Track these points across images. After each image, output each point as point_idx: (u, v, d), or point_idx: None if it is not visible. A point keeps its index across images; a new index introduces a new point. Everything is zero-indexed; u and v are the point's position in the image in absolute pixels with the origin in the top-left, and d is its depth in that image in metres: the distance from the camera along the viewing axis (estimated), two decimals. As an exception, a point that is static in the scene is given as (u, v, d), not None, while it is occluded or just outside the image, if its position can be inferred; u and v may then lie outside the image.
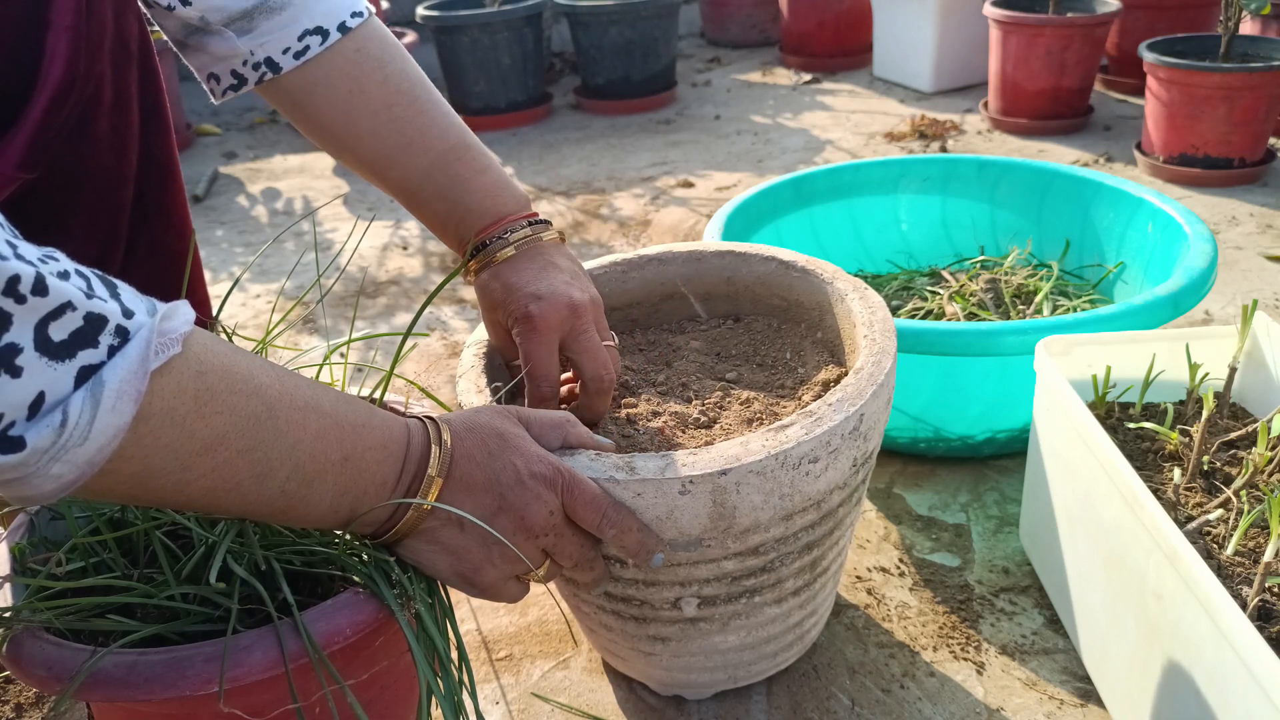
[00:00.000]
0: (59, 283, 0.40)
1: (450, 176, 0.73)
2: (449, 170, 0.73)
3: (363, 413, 0.55)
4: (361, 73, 0.72)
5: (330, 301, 1.73)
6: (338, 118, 0.72)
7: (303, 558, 0.62)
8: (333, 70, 0.71)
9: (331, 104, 0.72)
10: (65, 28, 0.61)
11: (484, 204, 0.74)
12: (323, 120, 0.73)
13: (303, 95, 0.72)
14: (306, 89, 0.72)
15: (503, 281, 0.72)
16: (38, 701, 0.89)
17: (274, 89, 0.72)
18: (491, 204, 0.74)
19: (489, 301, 0.74)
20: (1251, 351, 0.90)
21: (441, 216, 0.75)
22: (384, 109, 0.72)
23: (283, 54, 0.70)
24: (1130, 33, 2.42)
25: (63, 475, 0.41)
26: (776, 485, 0.64)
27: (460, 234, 0.75)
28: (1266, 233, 1.73)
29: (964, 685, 0.86)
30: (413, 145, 0.73)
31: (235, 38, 0.70)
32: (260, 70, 0.71)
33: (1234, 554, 0.72)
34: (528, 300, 0.70)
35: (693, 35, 3.65)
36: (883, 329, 0.75)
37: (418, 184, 0.74)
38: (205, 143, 2.78)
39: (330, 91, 0.72)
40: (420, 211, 0.75)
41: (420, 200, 0.74)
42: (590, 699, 0.87)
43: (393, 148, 0.72)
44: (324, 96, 0.72)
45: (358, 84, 0.72)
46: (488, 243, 0.73)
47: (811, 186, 1.41)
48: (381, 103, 0.72)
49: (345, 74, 0.71)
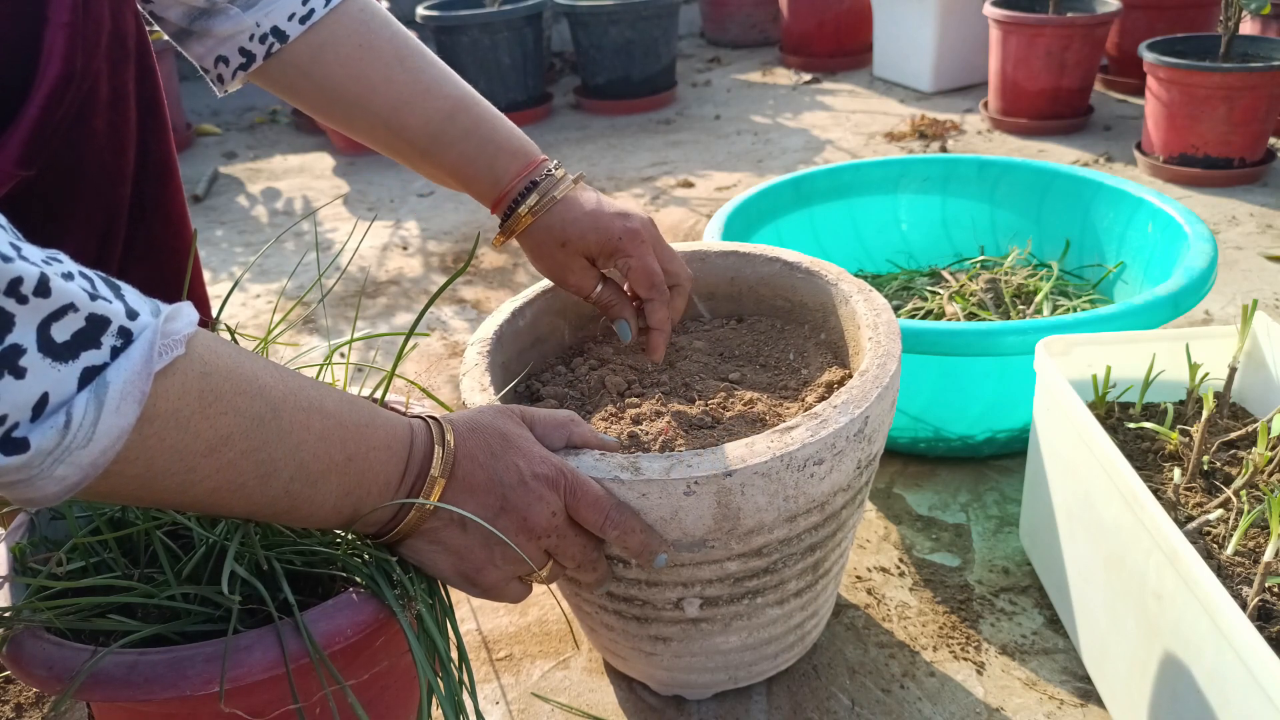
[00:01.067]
0: (63, 283, 0.39)
1: (475, 118, 0.74)
2: (472, 111, 0.74)
3: (366, 413, 0.55)
4: (370, 30, 0.72)
5: (330, 301, 1.73)
6: (348, 75, 0.72)
7: (304, 558, 0.62)
8: (339, 29, 0.72)
9: (341, 63, 0.72)
10: (62, 24, 0.61)
11: (513, 144, 0.75)
12: (333, 81, 0.72)
13: (309, 61, 0.72)
14: (313, 52, 0.72)
15: (581, 211, 0.74)
16: (38, 701, 0.89)
17: (279, 65, 0.72)
18: (521, 145, 0.75)
19: (562, 237, 0.75)
20: (1251, 351, 0.90)
21: (470, 156, 0.74)
22: (396, 60, 0.73)
23: (288, 20, 0.70)
24: (1130, 33, 2.42)
25: (67, 477, 0.41)
26: (781, 487, 0.64)
27: (495, 172, 0.75)
28: (1266, 233, 1.73)
29: (964, 685, 0.86)
30: (430, 91, 0.73)
31: (241, 12, 0.70)
32: (268, 42, 0.71)
33: (1234, 554, 0.72)
34: (622, 219, 0.75)
35: (693, 35, 3.65)
36: (887, 331, 0.75)
37: (439, 125, 0.73)
38: (205, 143, 2.78)
39: (339, 50, 0.72)
40: (443, 155, 0.75)
41: (444, 142, 0.74)
42: (590, 699, 0.87)
43: (411, 94, 0.73)
44: (333, 56, 0.72)
45: (367, 39, 0.72)
46: (537, 181, 0.74)
47: (811, 186, 1.41)
48: (393, 55, 0.73)
49: (353, 31, 0.72)
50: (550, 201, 0.74)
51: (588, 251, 0.76)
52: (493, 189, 0.76)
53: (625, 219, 0.75)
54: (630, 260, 0.75)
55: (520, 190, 0.75)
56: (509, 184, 0.75)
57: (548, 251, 0.77)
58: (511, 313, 0.84)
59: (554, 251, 0.76)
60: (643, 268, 0.75)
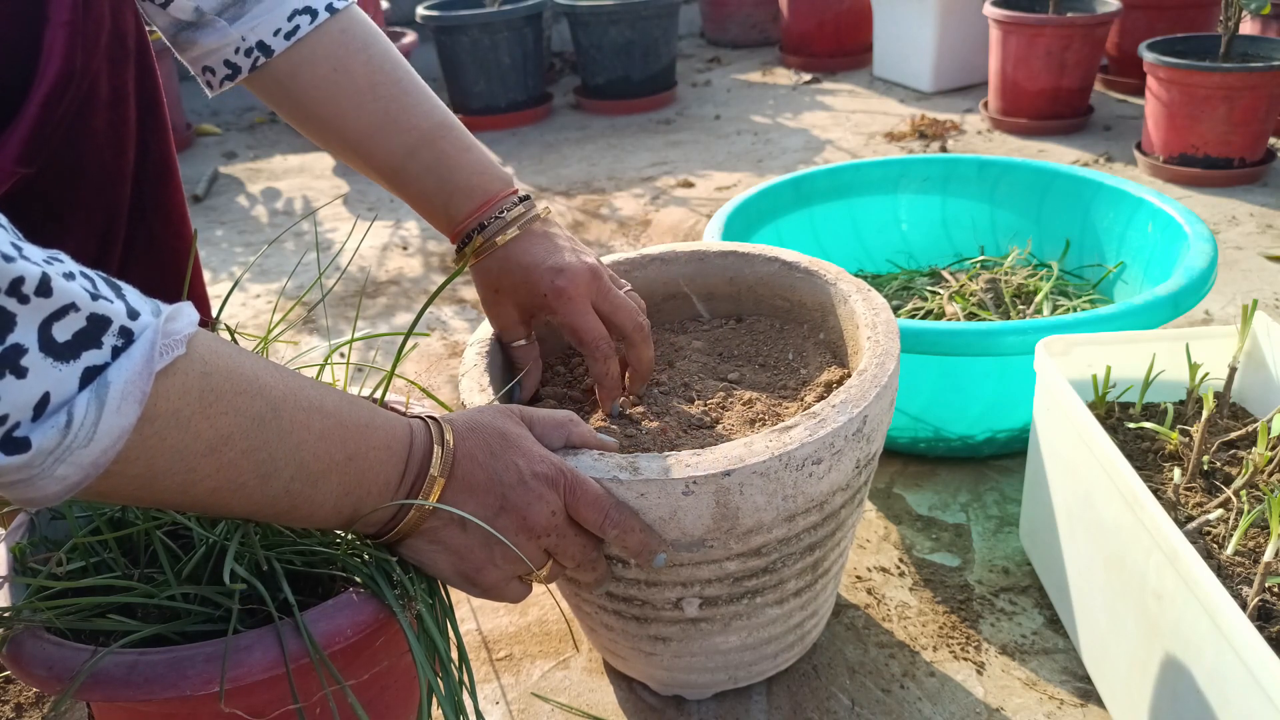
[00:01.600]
0: (64, 283, 0.40)
1: (436, 154, 0.73)
2: (434, 147, 0.73)
3: (366, 413, 0.55)
4: (346, 53, 0.72)
5: (330, 301, 1.73)
6: (322, 98, 0.72)
7: (303, 558, 0.62)
8: (317, 49, 0.71)
9: (315, 84, 0.72)
10: (63, 23, 0.62)
11: (471, 181, 0.74)
12: (306, 101, 0.72)
13: (288, 78, 0.72)
14: (291, 71, 0.72)
15: (515, 263, 0.73)
16: (38, 701, 0.89)
17: (263, 78, 0.72)
18: (479, 181, 0.74)
19: (496, 285, 0.74)
20: (1251, 351, 0.90)
21: (429, 194, 0.74)
22: (368, 88, 0.72)
23: (273, 35, 0.70)
24: (1130, 33, 2.42)
25: (68, 477, 0.41)
26: (780, 486, 0.64)
27: (449, 212, 0.75)
28: (1266, 233, 1.73)
29: (964, 685, 0.86)
30: (397, 122, 0.73)
31: (228, 25, 0.70)
32: (253, 56, 0.71)
33: (1234, 554, 0.72)
34: (552, 275, 0.72)
35: (693, 35, 3.65)
36: (886, 331, 0.75)
37: (401, 161, 0.73)
38: (205, 143, 2.78)
39: (314, 71, 0.72)
40: (405, 189, 0.75)
41: (405, 178, 0.74)
42: (590, 699, 0.87)
43: (377, 125, 0.72)
44: (308, 77, 0.72)
45: (342, 63, 0.72)
46: (485, 224, 0.74)
47: (811, 186, 1.41)
48: (365, 81, 0.72)
49: (330, 54, 0.72)
50: (491, 246, 0.73)
51: (518, 303, 0.75)
52: (448, 226, 0.76)
53: (558, 274, 0.72)
54: (558, 317, 0.73)
55: (469, 230, 0.74)
56: (460, 222, 0.75)
57: (483, 295, 0.77)
58: (511, 313, 0.84)
59: (487, 296, 0.76)
60: (569, 326, 0.73)
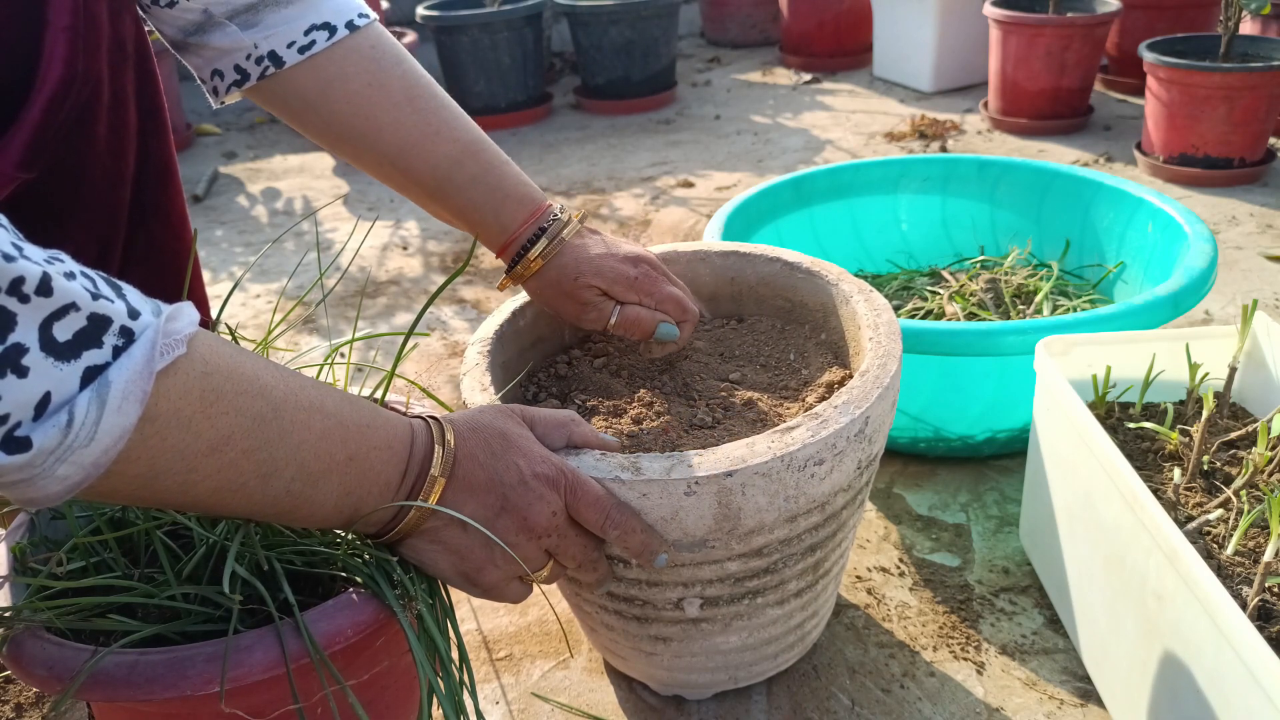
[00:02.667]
0: (65, 283, 0.40)
1: (481, 165, 0.74)
2: (478, 159, 0.74)
3: (367, 413, 0.55)
4: (380, 68, 0.72)
5: (330, 301, 1.73)
6: (357, 112, 0.72)
7: (304, 558, 0.62)
8: (348, 66, 0.71)
9: (349, 99, 0.71)
10: (63, 28, 0.62)
11: (520, 190, 0.76)
12: (340, 118, 0.72)
13: (317, 95, 0.71)
14: (322, 87, 0.71)
15: (590, 254, 0.76)
16: (38, 701, 0.89)
17: (278, 90, 0.72)
18: (526, 191, 0.76)
19: (576, 273, 0.76)
20: (1251, 351, 0.90)
21: (478, 204, 0.75)
22: (406, 101, 0.72)
23: (287, 48, 0.70)
24: (1130, 33, 2.42)
25: (69, 476, 0.41)
26: (782, 487, 0.64)
27: (501, 220, 0.75)
28: (1266, 233, 1.73)
29: (964, 685, 0.86)
30: (440, 134, 0.73)
31: (239, 31, 0.70)
32: (263, 65, 0.70)
33: (1234, 554, 0.72)
34: (633, 261, 0.77)
35: (693, 35, 3.65)
36: (888, 331, 0.75)
37: (447, 171, 0.73)
38: (205, 143, 2.78)
39: (348, 86, 0.71)
40: (449, 201, 0.75)
41: (451, 188, 0.74)
42: (590, 699, 0.87)
43: (419, 136, 0.72)
44: (341, 92, 0.71)
45: (377, 79, 0.72)
46: (544, 227, 0.75)
47: (811, 186, 1.41)
48: (403, 95, 0.72)
49: (363, 69, 0.72)
50: (559, 244, 0.75)
51: (604, 284, 0.77)
52: (500, 235, 0.76)
53: (637, 260, 0.77)
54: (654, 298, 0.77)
55: (529, 237, 0.75)
56: (516, 230, 0.75)
57: (564, 288, 0.77)
58: (512, 313, 0.84)
59: (569, 286, 0.76)
60: (670, 296, 0.78)
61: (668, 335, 0.79)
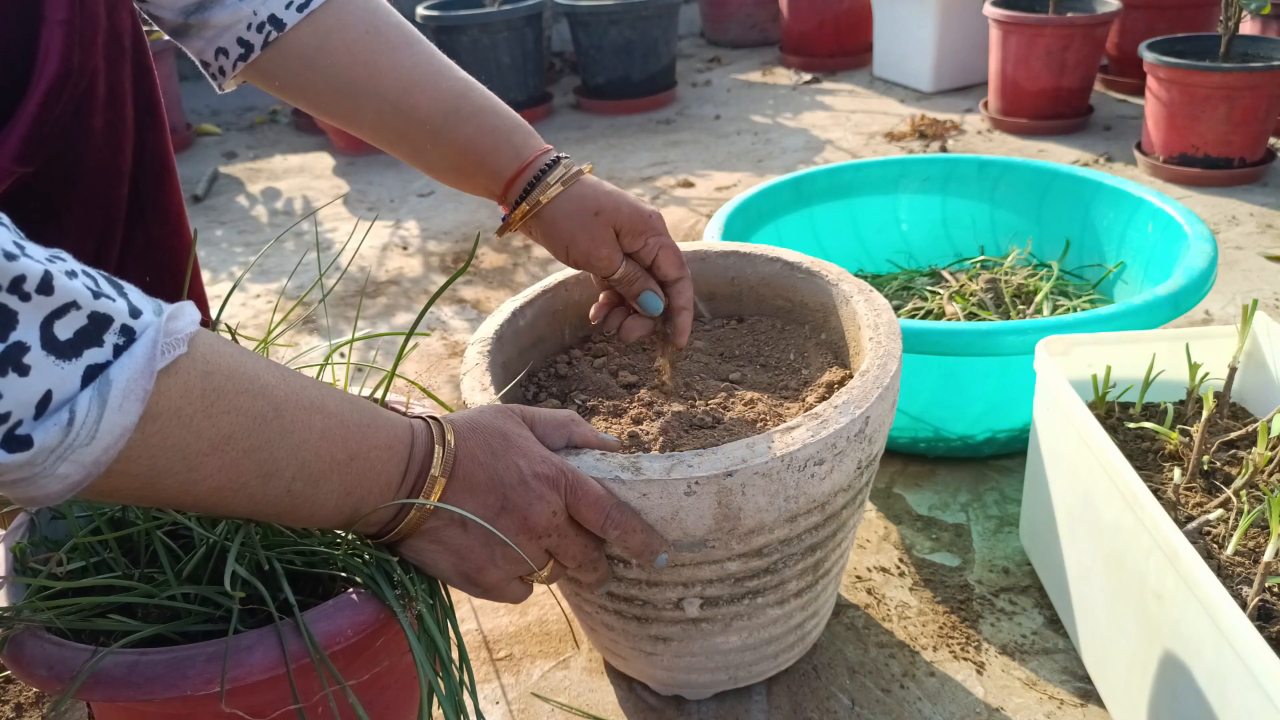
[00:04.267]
0: (66, 281, 0.40)
1: (486, 97, 0.74)
2: (481, 92, 0.74)
3: (367, 413, 0.55)
4: (376, 16, 0.72)
5: (330, 301, 1.73)
6: (356, 60, 0.71)
7: (304, 558, 0.62)
8: (346, 15, 0.71)
9: (348, 48, 0.71)
10: (59, 22, 0.62)
11: (526, 125, 0.75)
12: (339, 68, 0.71)
13: (315, 49, 0.70)
14: (319, 40, 0.70)
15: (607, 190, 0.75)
16: (38, 701, 0.89)
17: (277, 58, 0.70)
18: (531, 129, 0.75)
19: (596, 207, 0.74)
20: (1251, 351, 0.90)
21: (487, 128, 0.73)
22: (404, 44, 0.72)
23: (285, 8, 0.69)
24: (1130, 33, 2.42)
25: (69, 475, 0.41)
26: (782, 487, 0.64)
27: (514, 143, 0.73)
28: (1266, 233, 1.73)
29: (964, 685, 0.86)
30: (441, 72, 0.73)
31: (237, 1, 0.69)
32: (265, 30, 0.69)
33: (1234, 554, 0.72)
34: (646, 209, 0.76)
35: (693, 35, 3.65)
36: (888, 332, 0.75)
37: (453, 103, 0.72)
38: (205, 143, 2.78)
39: (346, 35, 0.71)
40: (457, 129, 0.72)
41: (459, 118, 0.72)
42: (590, 699, 0.87)
43: (421, 75, 0.72)
44: (339, 42, 0.70)
45: (374, 25, 0.71)
46: (560, 156, 0.75)
47: (811, 186, 1.41)
48: (401, 40, 0.72)
49: (360, 18, 0.71)
50: (578, 174, 0.74)
51: (619, 224, 0.75)
52: (514, 160, 0.73)
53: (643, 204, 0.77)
54: (662, 239, 0.76)
55: (545, 164, 0.74)
56: (530, 157, 0.73)
57: (578, 222, 0.74)
58: (512, 312, 0.84)
59: (585, 221, 0.74)
60: (673, 246, 0.77)
61: (651, 306, 0.77)
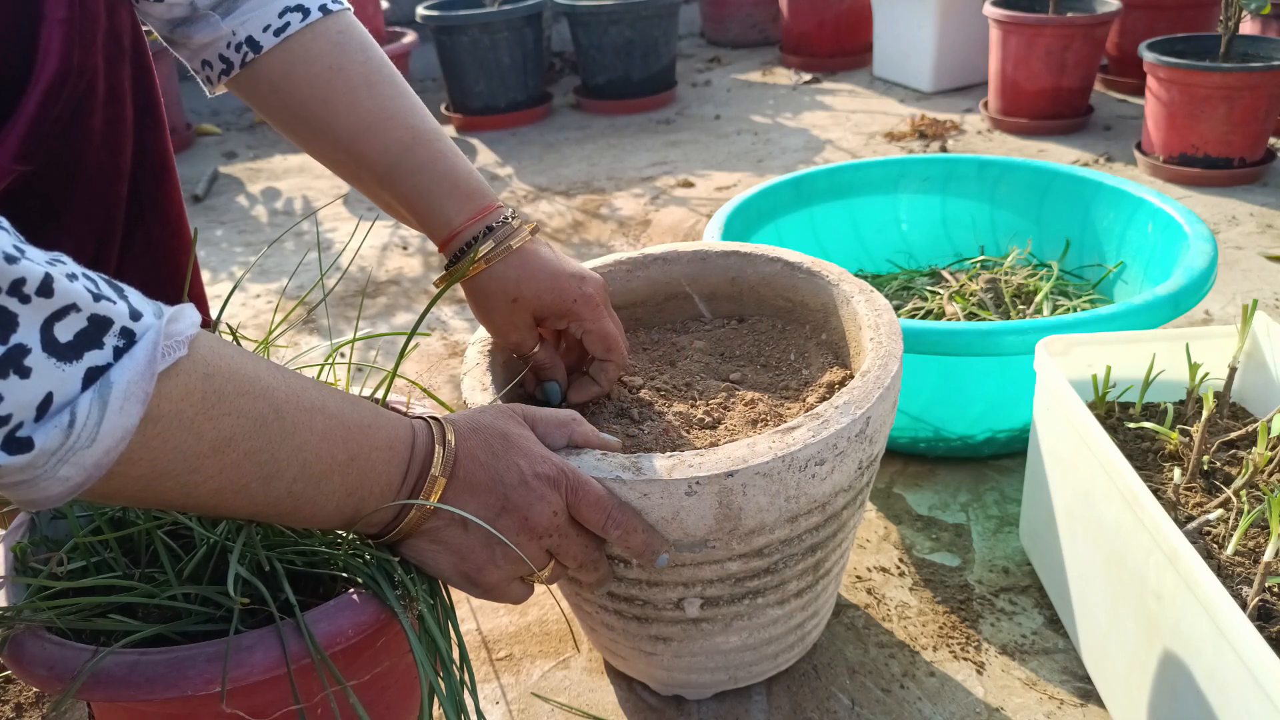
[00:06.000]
0: (66, 283, 0.40)
1: (434, 153, 0.71)
2: (430, 146, 0.71)
3: (368, 413, 0.55)
4: (343, 54, 0.71)
5: (330, 301, 1.73)
6: (316, 95, 0.70)
7: (305, 558, 0.62)
8: (314, 48, 0.70)
9: (310, 83, 0.70)
10: (59, 21, 0.62)
11: (470, 184, 0.72)
12: (299, 99, 0.71)
13: (281, 77, 0.70)
14: (285, 69, 0.70)
15: (537, 269, 0.72)
16: (38, 701, 0.89)
17: (254, 76, 0.71)
18: (478, 187, 0.73)
19: (515, 293, 0.72)
20: (1251, 351, 0.90)
21: (423, 191, 0.71)
22: (364, 86, 0.71)
23: (263, 31, 0.70)
24: (1130, 33, 2.42)
25: (70, 477, 0.41)
26: (783, 487, 0.64)
27: (446, 211, 0.72)
28: (1266, 233, 1.73)
29: (964, 685, 0.86)
30: (394, 119, 0.71)
31: (220, 20, 0.70)
32: (242, 51, 0.70)
33: (1234, 554, 0.72)
34: (578, 282, 0.73)
35: (693, 35, 3.65)
36: (889, 332, 0.75)
37: (397, 155, 0.71)
38: (205, 143, 2.78)
39: (310, 69, 0.70)
40: (398, 185, 0.72)
41: (400, 172, 0.71)
42: (590, 699, 0.87)
43: (372, 121, 0.71)
44: (303, 75, 0.70)
45: (339, 62, 0.71)
46: (493, 227, 0.71)
47: (811, 186, 1.41)
48: (362, 79, 0.71)
49: (327, 52, 0.71)
50: (505, 251, 0.71)
51: (539, 310, 0.73)
52: (443, 227, 0.72)
53: (581, 282, 0.73)
54: (586, 324, 0.74)
55: (474, 234, 0.72)
56: (461, 225, 0.72)
57: (495, 304, 0.73)
58: (512, 313, 0.84)
59: (501, 305, 0.73)
60: (600, 331, 0.75)
61: (551, 397, 0.78)
